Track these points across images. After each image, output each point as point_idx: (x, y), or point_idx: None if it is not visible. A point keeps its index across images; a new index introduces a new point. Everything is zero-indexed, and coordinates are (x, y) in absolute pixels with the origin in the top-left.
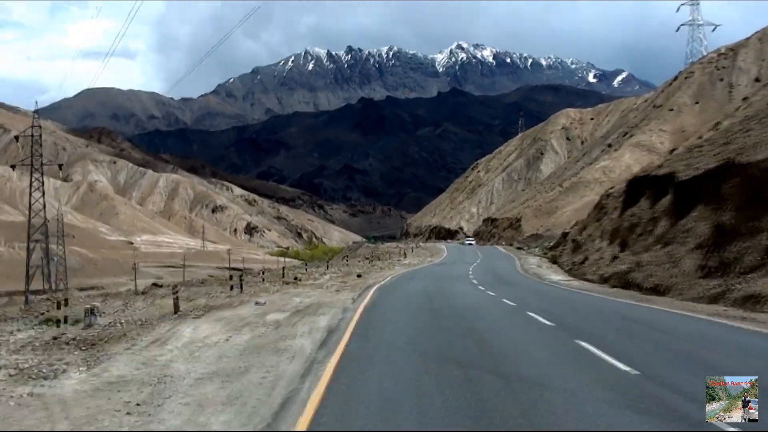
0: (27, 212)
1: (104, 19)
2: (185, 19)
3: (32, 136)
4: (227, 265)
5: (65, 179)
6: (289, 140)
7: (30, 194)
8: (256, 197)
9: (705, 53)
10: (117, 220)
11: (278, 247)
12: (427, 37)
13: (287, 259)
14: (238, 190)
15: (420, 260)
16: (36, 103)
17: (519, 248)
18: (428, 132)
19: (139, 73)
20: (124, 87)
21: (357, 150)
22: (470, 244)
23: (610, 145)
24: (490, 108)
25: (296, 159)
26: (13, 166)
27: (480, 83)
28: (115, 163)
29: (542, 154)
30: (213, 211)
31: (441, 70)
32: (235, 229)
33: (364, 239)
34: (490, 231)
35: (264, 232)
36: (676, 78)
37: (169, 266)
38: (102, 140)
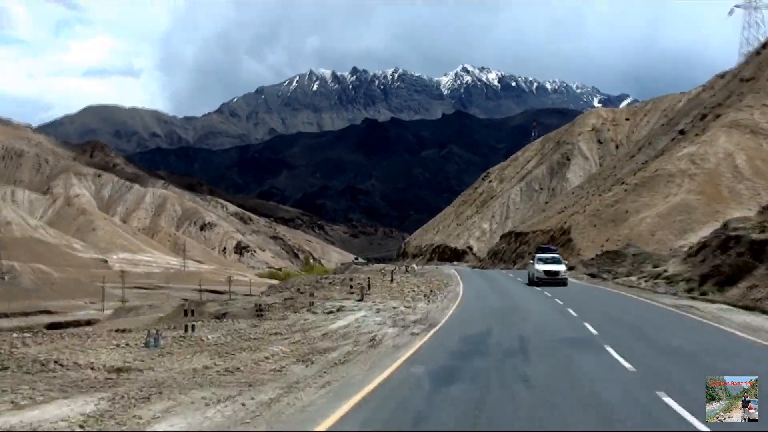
0: None
1: (108, 37)
2: (190, 38)
3: None
4: (207, 287)
5: (45, 192)
6: (292, 160)
7: None
8: (252, 216)
9: (762, 39)
10: (94, 237)
11: (270, 267)
12: (433, 59)
13: (275, 282)
14: (232, 208)
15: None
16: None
17: (592, 275)
18: (433, 154)
19: (142, 91)
20: (127, 104)
21: (360, 171)
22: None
23: (683, 132)
24: (496, 131)
25: (298, 179)
26: None
27: (485, 106)
28: (99, 176)
29: (569, 159)
30: (201, 228)
31: (446, 92)
32: (225, 248)
33: (355, 259)
34: (515, 249)
35: (255, 251)
36: (764, 46)
37: (140, 287)
38: (94, 154)
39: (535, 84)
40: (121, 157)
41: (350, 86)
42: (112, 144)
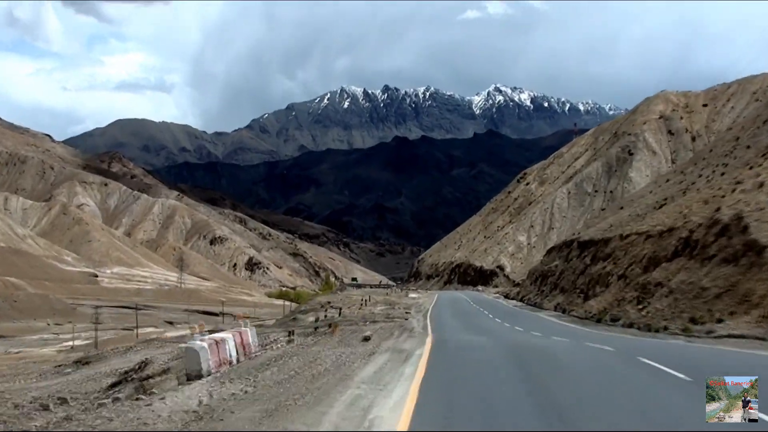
0: None
1: (142, 52)
2: (222, 55)
3: None
4: (201, 308)
5: (47, 200)
6: (320, 177)
7: None
8: (272, 231)
9: None
10: (88, 248)
11: (282, 286)
12: (465, 79)
13: (286, 303)
14: (252, 223)
15: None
16: None
17: None
18: (463, 173)
19: (173, 106)
20: (158, 119)
21: (389, 189)
22: None
23: None
24: (527, 151)
25: (326, 196)
26: None
27: (517, 126)
28: (106, 185)
29: (631, 154)
30: (211, 242)
31: (478, 112)
32: (235, 264)
33: (352, 281)
34: (583, 270)
35: (267, 268)
36: None
37: (123, 307)
38: (112, 165)
39: (568, 105)
40: (140, 168)
41: (381, 104)
42: (141, 158)
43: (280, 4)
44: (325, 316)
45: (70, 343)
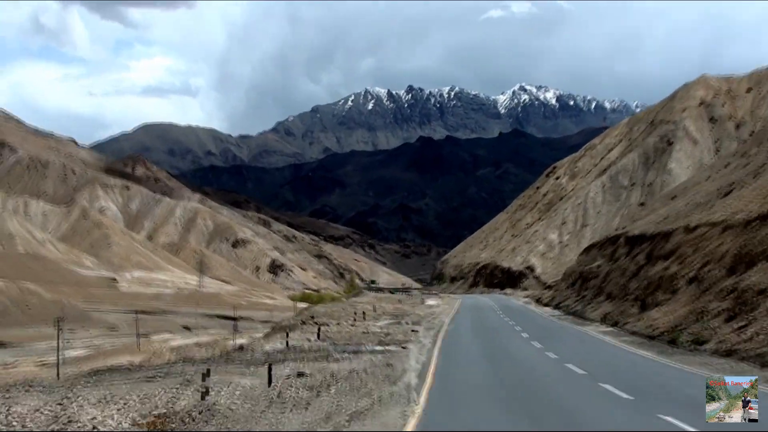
0: None
1: (167, 56)
2: (247, 58)
3: None
4: (220, 312)
5: (68, 204)
6: (345, 179)
7: None
8: (297, 233)
9: None
10: (108, 253)
11: (306, 288)
12: (489, 78)
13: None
14: (276, 226)
15: None
16: None
17: None
18: (488, 173)
19: (199, 110)
20: (184, 123)
21: (414, 190)
22: None
23: None
24: (553, 150)
25: (351, 198)
26: None
27: (542, 125)
28: (128, 189)
29: (670, 143)
30: (234, 245)
31: (503, 111)
32: (258, 267)
33: (369, 282)
34: (636, 271)
35: (291, 271)
36: None
37: (141, 312)
38: (136, 168)
39: (594, 102)
40: (164, 172)
41: (405, 105)
42: (166, 161)
43: (303, 4)
44: (287, 344)
45: (56, 357)
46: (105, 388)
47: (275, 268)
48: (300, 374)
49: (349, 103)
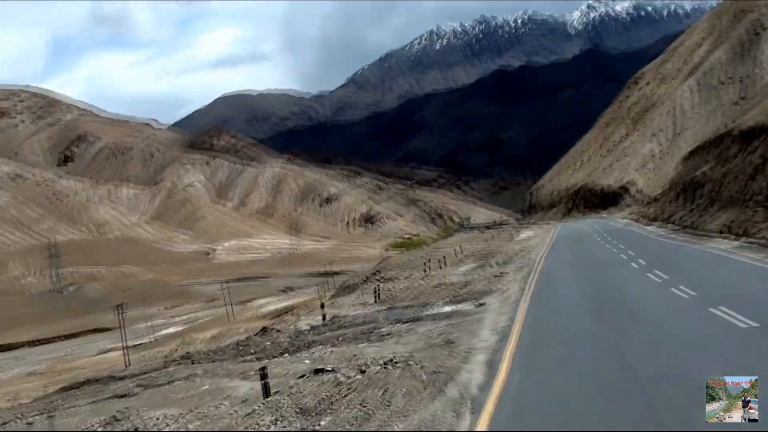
0: (89, 228)
1: (233, 27)
2: (311, 15)
3: None
4: (321, 270)
5: (155, 185)
6: (427, 121)
7: None
8: (386, 182)
9: None
10: (199, 227)
11: (400, 236)
12: None
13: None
14: (365, 177)
15: None
16: None
17: None
18: (570, 95)
19: (273, 74)
20: (259, 90)
21: (497, 122)
22: None
23: None
24: (633, 63)
25: (436, 138)
26: None
27: (618, 39)
28: (208, 164)
29: (757, 33)
30: (326, 201)
31: (577, 29)
32: (351, 220)
33: (462, 222)
34: (745, 171)
35: (384, 220)
36: None
37: (240, 279)
38: (220, 139)
39: (671, 6)
40: (246, 140)
41: (477, 37)
42: (248, 129)
43: None
44: (323, 318)
45: (125, 343)
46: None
47: (368, 219)
48: (318, 371)
49: (420, 44)
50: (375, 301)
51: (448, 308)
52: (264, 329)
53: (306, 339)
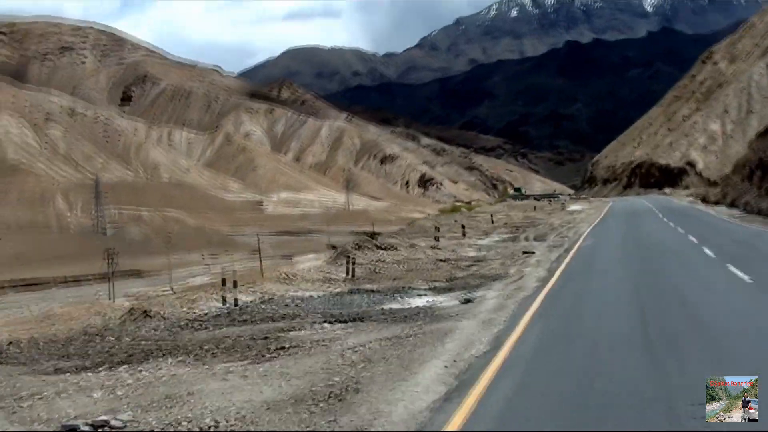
0: (140, 170)
1: None
2: None
3: None
4: (370, 229)
5: (215, 131)
6: (493, 89)
7: None
8: (446, 146)
9: None
10: (254, 176)
11: (458, 201)
12: None
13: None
14: (425, 140)
15: None
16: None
17: None
18: (639, 73)
19: (343, 31)
20: (328, 45)
21: (563, 96)
22: None
23: None
24: (705, 46)
25: (500, 107)
26: None
27: (692, 21)
28: (271, 112)
29: None
30: (382, 161)
31: (650, 9)
32: (407, 182)
33: (515, 190)
34: None
35: (440, 184)
36: None
37: (286, 232)
38: (282, 92)
39: None
40: (310, 94)
41: (550, 9)
42: (314, 84)
43: None
44: (235, 302)
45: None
46: None
47: (425, 182)
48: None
49: (493, 11)
50: (346, 278)
51: (423, 300)
52: (131, 311)
53: (147, 345)
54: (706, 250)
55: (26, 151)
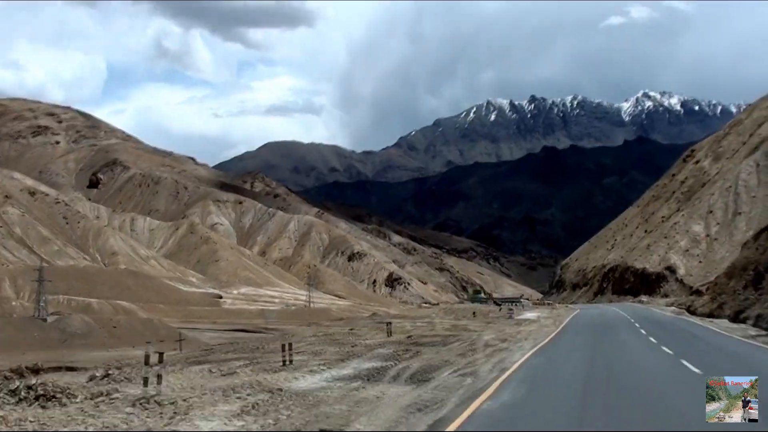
0: (97, 256)
1: (289, 76)
2: (369, 75)
3: None
4: (328, 324)
5: (182, 219)
6: (469, 191)
7: None
8: (417, 246)
9: None
10: (215, 268)
11: (425, 302)
12: (612, 85)
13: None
14: (396, 238)
15: None
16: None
17: None
18: (614, 181)
19: (323, 128)
20: (307, 141)
21: (539, 200)
22: None
23: None
24: (679, 156)
25: (475, 210)
26: None
27: (667, 132)
28: (240, 204)
29: None
30: (350, 258)
31: (627, 118)
32: (374, 281)
33: (474, 294)
34: None
35: (409, 284)
36: None
37: (242, 330)
38: (255, 185)
39: (720, 107)
40: (283, 187)
41: (528, 115)
42: (291, 178)
43: (424, 20)
44: None
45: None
46: None
47: (393, 281)
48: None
49: (471, 115)
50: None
51: None
52: None
53: None
54: None
55: None
